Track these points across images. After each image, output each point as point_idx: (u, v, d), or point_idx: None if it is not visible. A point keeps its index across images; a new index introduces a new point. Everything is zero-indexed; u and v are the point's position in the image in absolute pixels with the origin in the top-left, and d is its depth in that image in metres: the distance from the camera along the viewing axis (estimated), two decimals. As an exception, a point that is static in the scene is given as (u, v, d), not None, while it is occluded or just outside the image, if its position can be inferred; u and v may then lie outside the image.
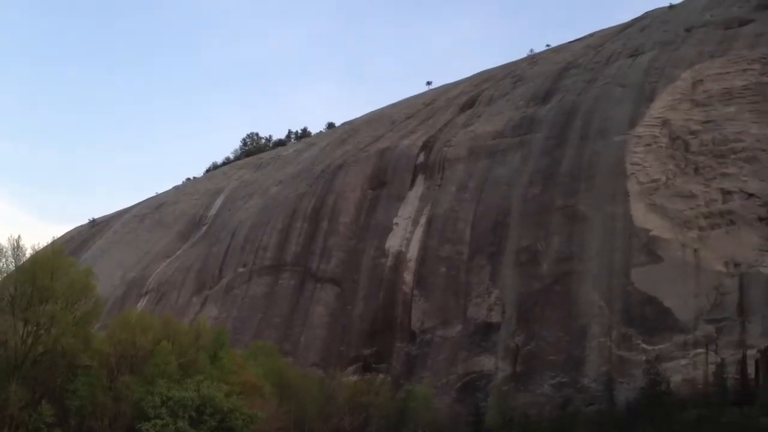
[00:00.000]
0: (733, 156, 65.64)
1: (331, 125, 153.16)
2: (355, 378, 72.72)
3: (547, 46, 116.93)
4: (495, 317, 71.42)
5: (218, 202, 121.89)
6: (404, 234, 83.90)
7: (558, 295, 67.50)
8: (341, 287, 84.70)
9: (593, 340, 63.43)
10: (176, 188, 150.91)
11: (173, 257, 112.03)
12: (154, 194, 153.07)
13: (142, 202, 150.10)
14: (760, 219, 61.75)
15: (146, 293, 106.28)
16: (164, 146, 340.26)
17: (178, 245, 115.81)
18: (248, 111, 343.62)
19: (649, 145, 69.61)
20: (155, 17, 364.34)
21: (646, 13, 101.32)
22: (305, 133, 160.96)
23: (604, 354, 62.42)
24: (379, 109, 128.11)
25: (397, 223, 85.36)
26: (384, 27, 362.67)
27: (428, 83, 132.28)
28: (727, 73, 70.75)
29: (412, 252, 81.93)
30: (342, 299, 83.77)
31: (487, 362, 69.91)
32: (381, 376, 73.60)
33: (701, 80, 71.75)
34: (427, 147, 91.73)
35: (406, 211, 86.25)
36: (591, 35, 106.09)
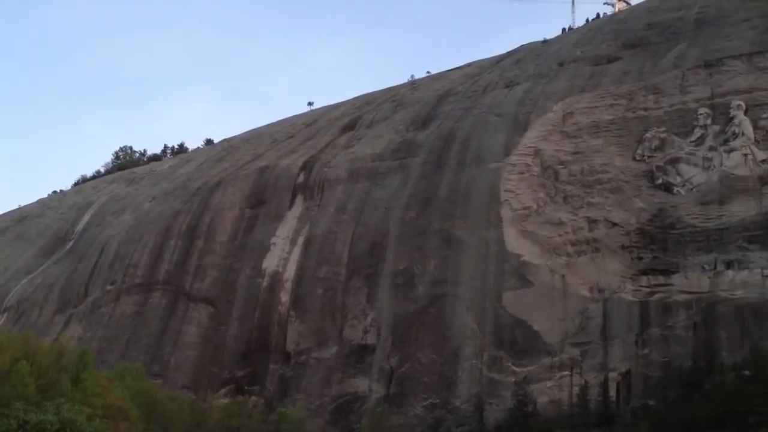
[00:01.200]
0: (599, 186, 68.86)
1: (209, 141, 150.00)
2: (226, 400, 70.94)
3: (428, 72, 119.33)
4: (371, 339, 71.64)
5: (86, 216, 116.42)
6: (281, 254, 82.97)
7: (432, 318, 68.51)
8: (215, 307, 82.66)
9: (465, 362, 64.78)
10: (41, 201, 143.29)
11: (35, 273, 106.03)
12: (17, 206, 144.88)
13: (2, 214, 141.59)
14: (623, 247, 65.04)
15: (4, 311, 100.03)
16: (29, 158, 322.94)
17: (41, 261, 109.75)
18: (122, 124, 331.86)
19: (522, 173, 72.01)
20: (22, 25, 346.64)
21: (521, 46, 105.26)
22: (182, 148, 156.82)
23: (476, 376, 63.90)
24: (259, 128, 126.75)
25: (274, 243, 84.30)
26: (266, 45, 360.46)
27: (310, 104, 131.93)
28: (596, 107, 74.25)
29: (289, 272, 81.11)
30: (216, 319, 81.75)
31: (361, 384, 69.95)
32: (254, 398, 72.10)
33: (571, 113, 74.92)
34: (307, 167, 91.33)
35: (284, 231, 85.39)
36: (469, 65, 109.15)
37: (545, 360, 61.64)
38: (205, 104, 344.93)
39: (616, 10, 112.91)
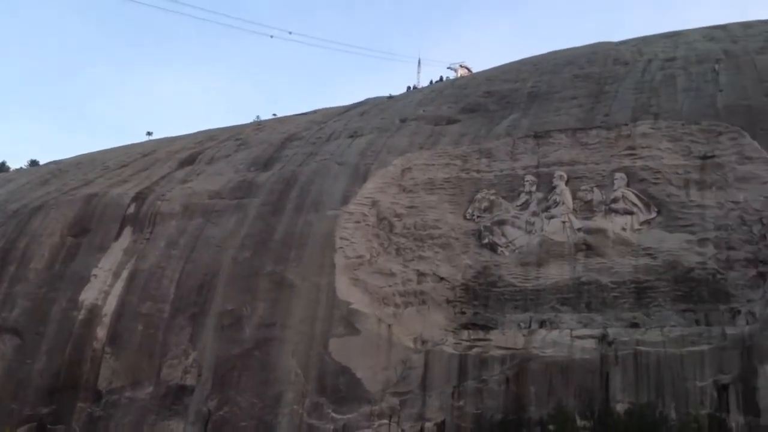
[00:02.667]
0: (430, 241, 71.08)
1: (34, 162, 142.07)
2: (26, 439, 65.97)
3: (274, 115, 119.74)
4: (190, 380, 69.32)
5: None
6: (102, 287, 79.08)
7: (257, 361, 67.38)
8: (23, 339, 77.14)
9: (286, 408, 63.98)
10: None
11: None
12: None
13: None
14: (448, 301, 67.28)
15: None
16: None
17: None
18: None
19: (358, 222, 73.08)
20: None
21: (367, 99, 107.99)
22: (3, 167, 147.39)
23: (295, 422, 63.20)
24: (91, 153, 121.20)
25: (96, 275, 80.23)
26: (105, 70, 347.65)
27: (149, 133, 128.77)
28: (433, 165, 77.00)
29: (109, 306, 77.37)
30: (22, 352, 76.21)
31: (176, 427, 67.38)
32: (57, 438, 67.53)
33: (410, 168, 77.24)
34: (139, 198, 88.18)
35: (108, 262, 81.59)
36: (315, 112, 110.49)
37: (365, 408, 62.00)
38: (33, 124, 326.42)
39: (458, 75, 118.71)
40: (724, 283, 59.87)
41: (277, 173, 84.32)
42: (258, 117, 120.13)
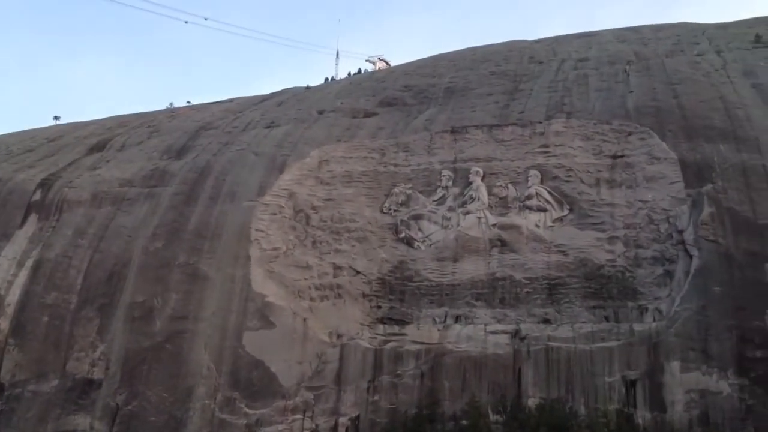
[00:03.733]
0: (347, 234, 70.84)
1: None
2: None
3: (188, 102, 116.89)
4: (98, 374, 67.17)
5: None
6: (5, 276, 75.72)
7: (168, 354, 65.74)
8: None
9: (198, 402, 62.73)
10: None
11: None
12: None
13: None
14: (364, 295, 67.24)
15: None
16: None
17: None
18: None
19: (274, 214, 72.14)
20: None
21: (285, 89, 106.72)
22: None
23: (207, 417, 62.01)
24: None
25: (-2, 264, 76.74)
26: (8, 51, 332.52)
27: (56, 118, 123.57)
28: (350, 157, 76.72)
29: (13, 296, 74.23)
30: None
31: (82, 421, 65.20)
32: (-47, 434, 64.36)
33: (327, 160, 76.73)
34: (45, 184, 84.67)
35: (12, 251, 78.18)
36: (231, 100, 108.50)
37: (279, 403, 61.42)
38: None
39: (377, 68, 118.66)
40: (633, 280, 61.86)
41: (191, 162, 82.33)
42: (171, 104, 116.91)
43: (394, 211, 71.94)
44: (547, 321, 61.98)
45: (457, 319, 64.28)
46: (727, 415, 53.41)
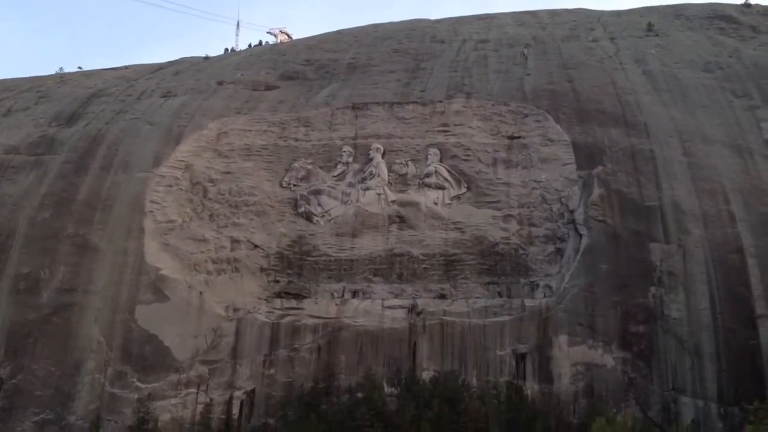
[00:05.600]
0: (245, 208, 69.89)
1: None
2: None
3: (79, 68, 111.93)
4: (-21, 348, 64.00)
5: None
6: None
7: (56, 327, 63.36)
8: None
9: (87, 376, 60.96)
10: None
11: None
12: None
13: None
14: (262, 269, 66.66)
15: None
16: None
17: None
18: None
19: (170, 186, 70.37)
20: None
21: (182, 58, 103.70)
22: None
23: (96, 391, 60.40)
24: None
25: None
26: None
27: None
28: (250, 130, 75.55)
29: None
30: None
31: (-38, 397, 62.03)
32: None
33: (226, 132, 75.31)
34: None
35: None
36: (126, 67, 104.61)
37: (173, 377, 60.41)
38: None
39: (278, 41, 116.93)
40: (525, 258, 63.84)
41: (82, 130, 79.00)
42: (61, 69, 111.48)
43: (294, 185, 71.42)
44: (443, 296, 63.20)
45: (354, 293, 64.67)
46: (611, 387, 56.11)
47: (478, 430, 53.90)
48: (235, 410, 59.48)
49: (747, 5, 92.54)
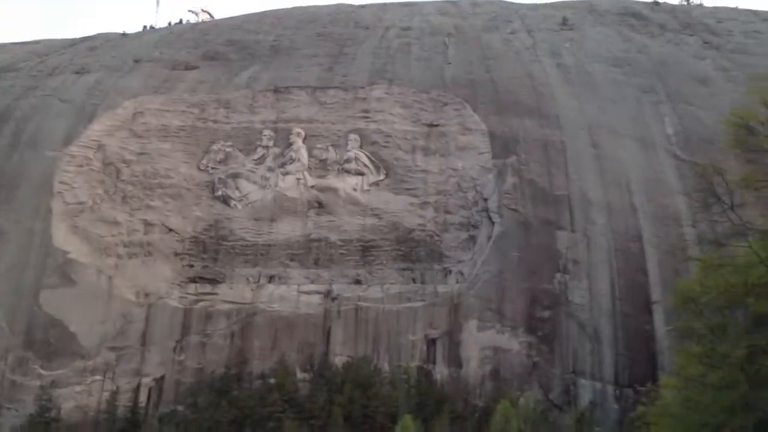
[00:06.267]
0: (160, 190, 68.50)
1: None
2: None
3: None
4: None
5: None
6: None
7: (-47, 312, 60.97)
8: None
9: (-14, 363, 59.01)
10: None
11: None
12: None
13: None
14: (176, 254, 65.57)
15: None
16: None
17: None
18: None
19: (81, 166, 68.42)
20: None
21: (98, 34, 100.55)
22: None
23: (-3, 378, 58.54)
24: None
25: None
26: None
27: None
28: (168, 111, 73.97)
29: None
30: None
31: None
32: None
33: (142, 112, 73.58)
34: None
35: None
36: (37, 42, 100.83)
37: (78, 363, 59.00)
38: None
39: (199, 19, 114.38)
40: (440, 244, 64.59)
41: (-12, 106, 75.95)
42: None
43: (212, 168, 70.38)
44: (358, 282, 63.49)
45: (270, 279, 64.36)
46: (516, 371, 57.55)
47: (388, 414, 54.43)
48: (143, 397, 58.64)
49: (656, 3, 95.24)
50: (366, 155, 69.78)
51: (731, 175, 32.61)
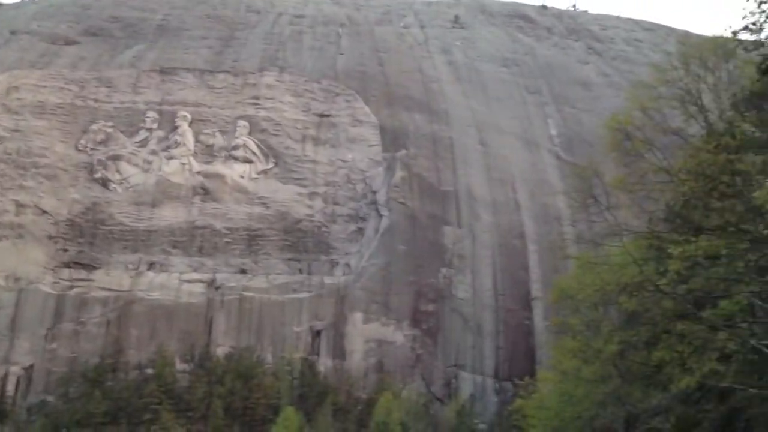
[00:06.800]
0: (34, 170, 65.04)
1: None
2: None
3: None
4: None
5: None
6: None
7: None
8: None
9: None
10: None
11: None
12: None
13: None
14: (50, 237, 62.43)
15: None
16: None
17: None
18: None
19: (-54, 140, 64.07)
20: None
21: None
22: None
23: None
24: None
25: None
26: None
27: None
28: (45, 87, 70.30)
29: None
30: None
31: None
32: None
33: (17, 87, 69.64)
34: None
35: None
36: None
37: (-65, 352, 55.33)
38: None
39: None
40: (328, 235, 64.44)
41: None
42: None
43: (91, 149, 67.34)
44: (243, 271, 62.50)
45: (151, 266, 62.34)
46: (399, 363, 58.29)
47: (269, 406, 53.88)
48: (10, 387, 55.53)
49: (544, 7, 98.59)
50: (255, 143, 68.74)
51: (609, 178, 33.87)
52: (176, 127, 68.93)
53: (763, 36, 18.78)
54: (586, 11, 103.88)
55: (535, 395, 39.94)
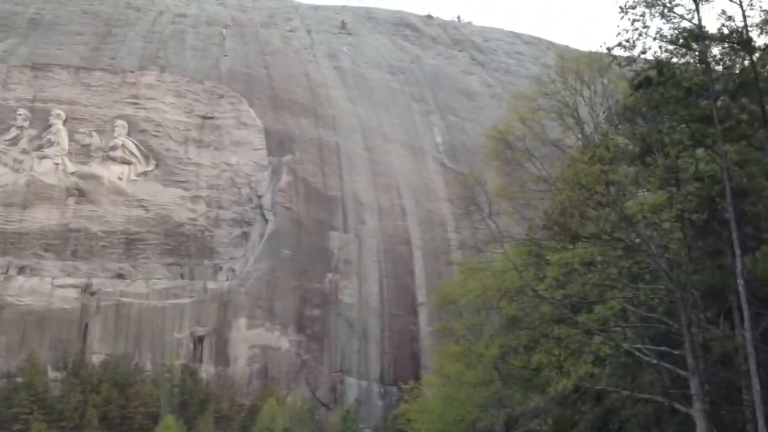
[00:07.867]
0: None
1: None
2: None
3: None
4: None
5: None
6: None
7: None
8: None
9: None
10: None
11: None
12: None
13: None
14: None
15: None
16: None
17: None
18: None
19: None
20: None
21: None
22: None
23: None
24: None
25: None
26: None
27: None
28: None
29: None
30: None
31: None
32: None
33: None
34: None
35: None
36: None
37: None
38: None
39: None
40: (211, 239, 63.39)
41: None
42: None
43: (-44, 147, 63.53)
44: (121, 276, 60.55)
45: (21, 270, 59.40)
46: (284, 369, 58.14)
47: (148, 414, 52.43)
48: None
49: (429, 17, 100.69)
50: (134, 143, 66.79)
51: (491, 185, 34.93)
52: (50, 126, 66.15)
53: (635, 52, 19.84)
54: (470, 23, 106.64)
55: (419, 399, 40.52)
